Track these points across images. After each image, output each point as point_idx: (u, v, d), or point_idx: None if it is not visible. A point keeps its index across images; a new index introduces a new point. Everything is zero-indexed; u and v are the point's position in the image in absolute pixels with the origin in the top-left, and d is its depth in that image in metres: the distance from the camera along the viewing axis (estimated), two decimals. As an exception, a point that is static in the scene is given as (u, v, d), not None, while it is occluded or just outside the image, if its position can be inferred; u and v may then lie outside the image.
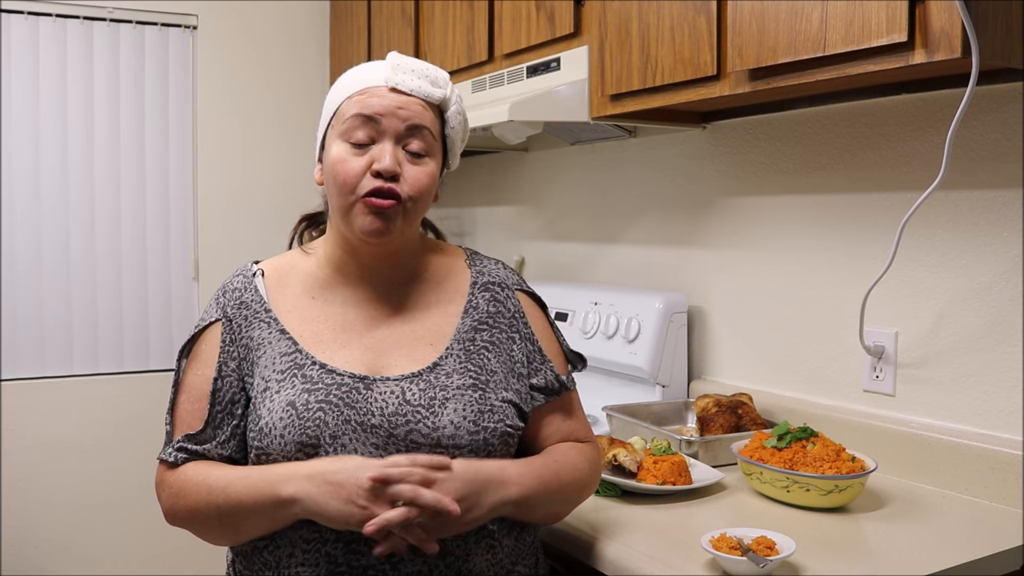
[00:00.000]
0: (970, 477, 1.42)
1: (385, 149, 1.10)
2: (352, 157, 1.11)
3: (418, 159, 1.12)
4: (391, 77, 1.12)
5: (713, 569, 1.11)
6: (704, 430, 1.65)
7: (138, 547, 2.85)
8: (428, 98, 1.14)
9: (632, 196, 2.21)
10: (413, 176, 1.11)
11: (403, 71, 1.13)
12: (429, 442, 1.07)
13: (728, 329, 1.94)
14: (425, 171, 1.13)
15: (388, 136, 1.11)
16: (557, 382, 1.21)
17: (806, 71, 1.34)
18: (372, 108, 1.11)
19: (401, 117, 1.11)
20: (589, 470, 1.19)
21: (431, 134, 1.13)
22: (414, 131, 1.12)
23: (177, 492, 1.10)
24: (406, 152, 1.12)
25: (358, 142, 1.11)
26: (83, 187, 2.78)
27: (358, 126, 1.11)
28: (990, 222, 1.43)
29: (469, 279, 1.24)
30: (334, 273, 1.20)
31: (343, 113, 1.13)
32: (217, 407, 1.12)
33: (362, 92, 1.13)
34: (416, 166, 1.12)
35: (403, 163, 1.11)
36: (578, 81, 1.81)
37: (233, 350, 1.14)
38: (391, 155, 1.10)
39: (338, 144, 1.12)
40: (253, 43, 3.02)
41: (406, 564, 1.03)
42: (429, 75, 1.14)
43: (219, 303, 1.18)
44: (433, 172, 1.14)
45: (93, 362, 2.83)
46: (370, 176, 1.10)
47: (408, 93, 1.12)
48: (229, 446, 1.12)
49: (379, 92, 1.12)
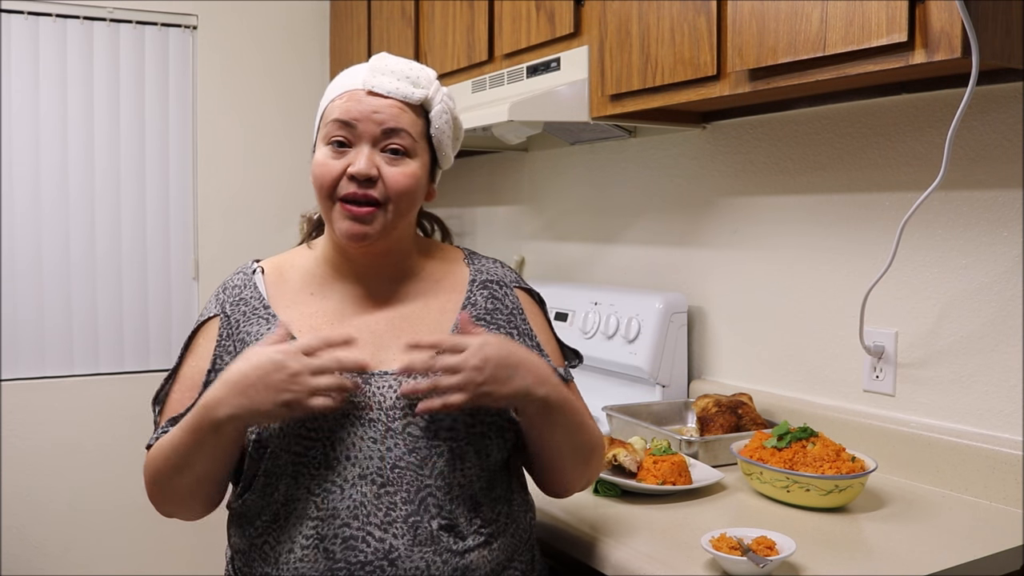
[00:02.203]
0: (970, 477, 1.42)
1: (361, 152, 1.11)
2: (330, 160, 1.12)
3: (397, 161, 1.13)
4: (368, 80, 1.13)
5: (713, 569, 1.11)
6: (704, 430, 1.65)
7: (138, 547, 2.85)
8: (407, 99, 1.13)
9: (632, 196, 2.21)
10: (392, 178, 1.12)
11: (381, 73, 1.13)
12: (427, 435, 1.07)
13: (728, 329, 1.94)
14: (404, 171, 1.13)
15: (364, 140, 1.12)
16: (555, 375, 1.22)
17: (806, 71, 1.34)
18: (349, 113, 1.12)
19: (376, 121, 1.12)
20: (600, 442, 1.20)
21: (410, 136, 1.13)
22: (391, 134, 1.12)
23: (148, 469, 1.12)
24: (386, 154, 1.12)
25: (338, 145, 1.12)
26: (83, 187, 2.78)
27: (336, 131, 1.12)
28: (990, 222, 1.43)
29: (467, 277, 1.24)
30: (331, 270, 1.21)
31: (326, 117, 1.15)
32: None
33: (342, 95, 1.14)
34: (395, 167, 1.12)
35: (381, 165, 1.12)
36: (578, 81, 1.81)
37: (229, 345, 1.15)
38: (366, 158, 1.10)
39: (320, 148, 1.14)
40: (253, 43, 3.02)
41: (404, 560, 1.04)
42: (411, 75, 1.14)
43: (218, 299, 1.20)
44: (414, 172, 1.14)
45: (93, 362, 2.83)
46: (347, 179, 1.11)
47: (385, 95, 1.13)
48: None
49: (356, 96, 1.13)
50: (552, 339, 1.27)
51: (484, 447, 1.10)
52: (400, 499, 1.05)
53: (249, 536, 1.11)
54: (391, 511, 1.05)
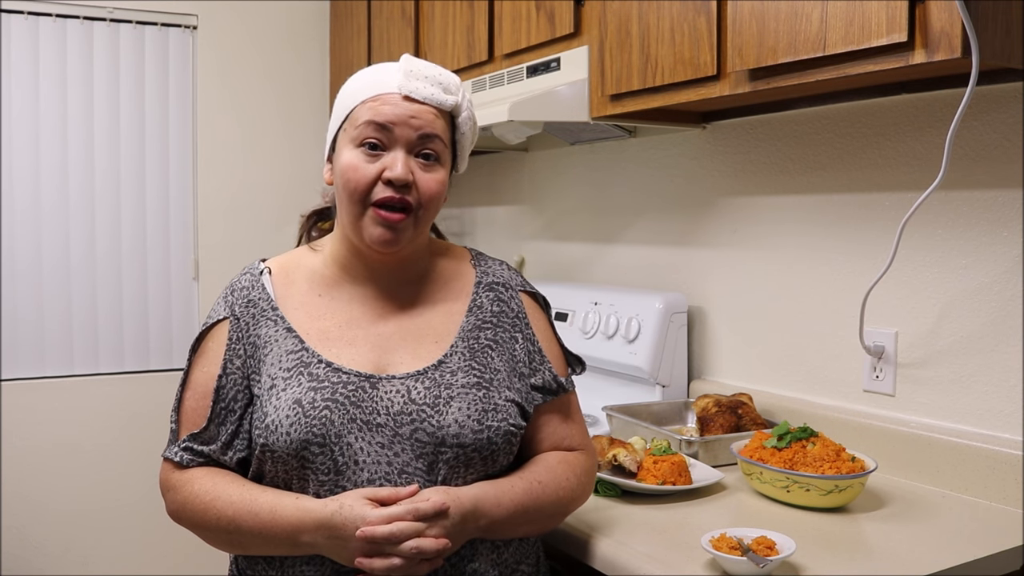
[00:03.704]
0: (970, 477, 1.42)
1: (397, 158, 1.10)
2: (364, 164, 1.10)
3: (430, 167, 1.12)
4: (404, 84, 1.11)
5: (713, 569, 1.11)
6: (704, 430, 1.65)
7: (138, 547, 2.85)
8: (441, 106, 1.13)
9: (632, 196, 2.21)
10: (425, 184, 1.11)
11: (416, 78, 1.12)
12: (434, 440, 1.07)
13: (728, 329, 1.94)
14: (436, 178, 1.13)
15: (400, 144, 1.11)
16: (555, 383, 1.21)
17: (806, 71, 1.34)
18: (385, 116, 1.10)
19: (414, 127, 1.11)
20: (576, 485, 1.18)
21: (442, 142, 1.13)
22: (426, 140, 1.12)
23: (183, 502, 1.10)
24: (418, 159, 1.12)
25: (371, 148, 1.11)
26: (83, 187, 2.78)
27: (370, 133, 1.10)
28: (990, 222, 1.43)
29: (473, 279, 1.24)
30: (340, 272, 1.20)
31: (355, 118, 1.12)
32: (220, 404, 1.12)
33: (375, 98, 1.12)
34: (428, 173, 1.12)
35: (415, 171, 1.11)
36: (578, 81, 1.81)
37: (239, 348, 1.14)
38: (403, 164, 1.09)
39: (349, 150, 1.12)
40: (253, 43, 3.02)
41: (411, 564, 1.03)
42: (442, 82, 1.14)
43: (227, 301, 1.18)
44: (443, 179, 1.14)
45: (93, 362, 2.83)
46: (382, 184, 1.10)
47: (421, 101, 1.12)
48: (234, 447, 1.12)
49: (392, 100, 1.11)
50: (555, 344, 1.26)
51: (491, 453, 1.10)
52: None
53: None
54: None
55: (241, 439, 1.12)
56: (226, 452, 1.12)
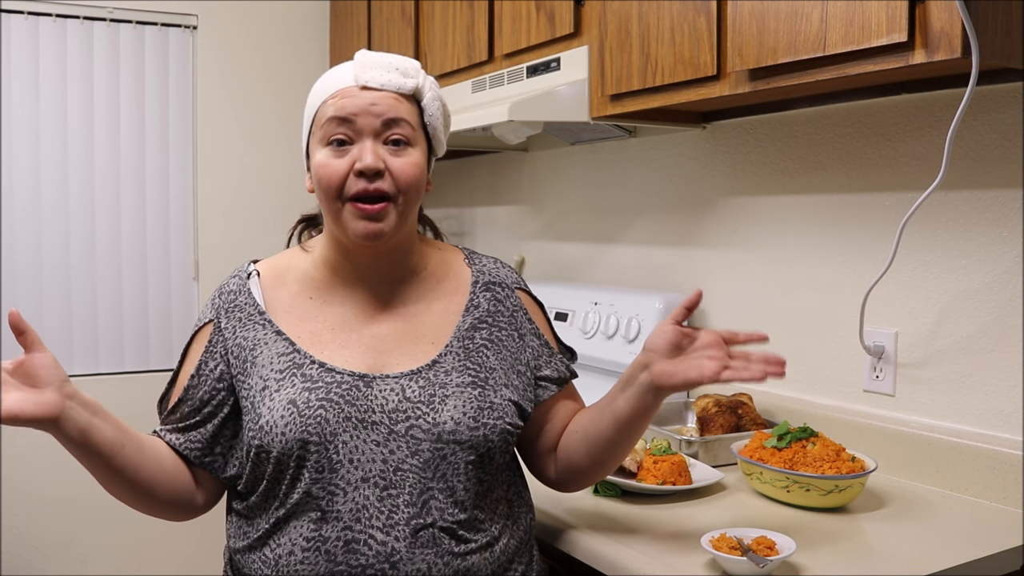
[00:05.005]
0: (970, 477, 1.42)
1: (365, 147, 1.10)
2: (333, 160, 1.10)
3: (401, 151, 1.12)
4: (360, 75, 1.12)
5: (713, 569, 1.11)
6: (704, 430, 1.65)
7: (137, 547, 2.85)
8: (400, 89, 1.13)
9: (632, 196, 2.21)
10: (398, 168, 1.11)
11: (371, 67, 1.13)
12: (430, 438, 1.07)
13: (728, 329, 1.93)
14: (410, 161, 1.12)
15: (367, 134, 1.10)
16: (568, 372, 1.25)
17: (806, 71, 1.34)
18: (346, 109, 1.10)
19: (375, 113, 1.11)
20: None
21: (409, 125, 1.13)
22: (392, 124, 1.11)
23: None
24: (388, 145, 1.11)
25: (338, 144, 1.11)
26: (83, 187, 2.78)
27: (335, 129, 1.11)
28: (990, 222, 1.43)
29: (470, 278, 1.23)
30: (330, 274, 1.19)
31: (320, 118, 1.13)
32: (187, 404, 1.15)
33: (335, 95, 1.12)
34: (400, 158, 1.11)
35: (386, 157, 1.10)
36: (578, 81, 1.81)
37: (216, 351, 1.15)
38: (371, 152, 1.09)
39: (320, 150, 1.12)
40: (253, 43, 3.02)
41: (405, 563, 1.04)
42: (399, 67, 1.14)
43: (214, 304, 1.19)
44: (418, 161, 1.13)
45: (93, 362, 2.83)
46: (354, 176, 1.09)
47: (379, 88, 1.12)
48: (215, 454, 1.15)
49: (350, 92, 1.12)
50: (553, 338, 1.27)
51: (487, 450, 1.10)
52: (402, 502, 1.05)
53: (248, 537, 1.11)
54: (393, 514, 1.04)
55: (235, 454, 1.15)
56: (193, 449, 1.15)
